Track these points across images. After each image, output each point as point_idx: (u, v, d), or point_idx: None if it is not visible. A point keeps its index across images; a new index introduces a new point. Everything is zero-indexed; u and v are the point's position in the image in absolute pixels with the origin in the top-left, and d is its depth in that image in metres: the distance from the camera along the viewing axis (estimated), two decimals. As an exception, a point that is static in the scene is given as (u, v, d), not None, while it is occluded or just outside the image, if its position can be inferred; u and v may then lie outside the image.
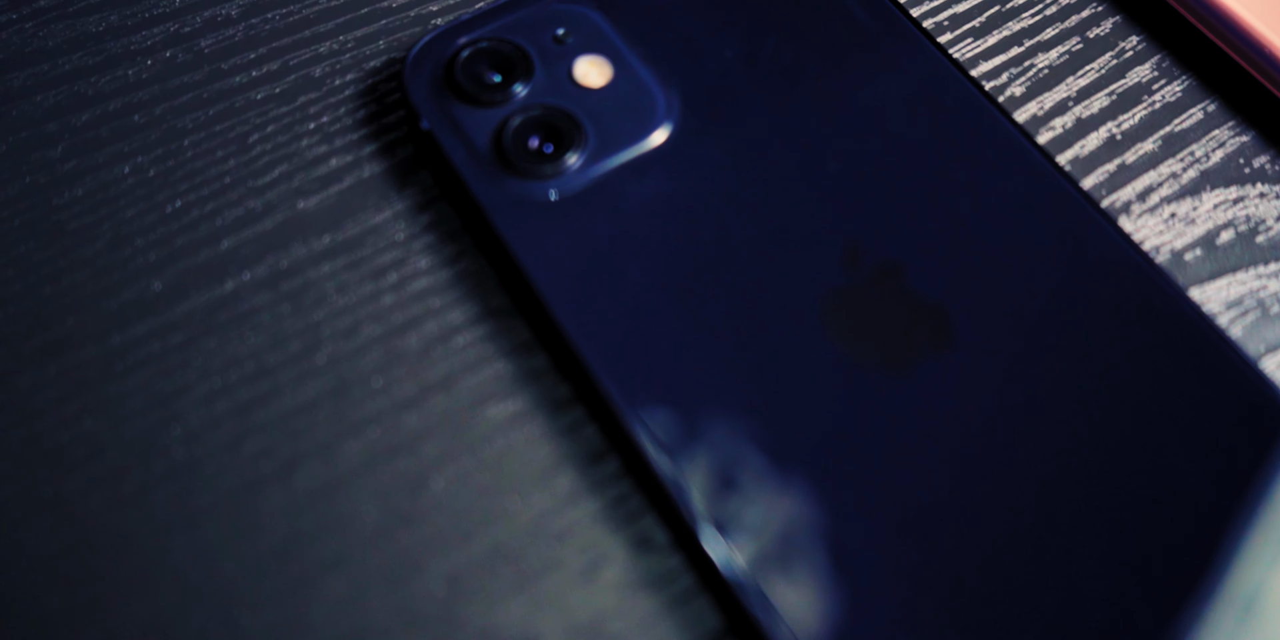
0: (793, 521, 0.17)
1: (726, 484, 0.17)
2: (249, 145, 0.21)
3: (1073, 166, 0.21)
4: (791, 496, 0.17)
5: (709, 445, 0.17)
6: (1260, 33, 0.21)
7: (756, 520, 0.17)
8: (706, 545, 0.16)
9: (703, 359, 0.18)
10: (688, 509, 0.17)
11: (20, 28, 0.22)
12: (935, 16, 0.23)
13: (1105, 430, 0.18)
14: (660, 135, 0.20)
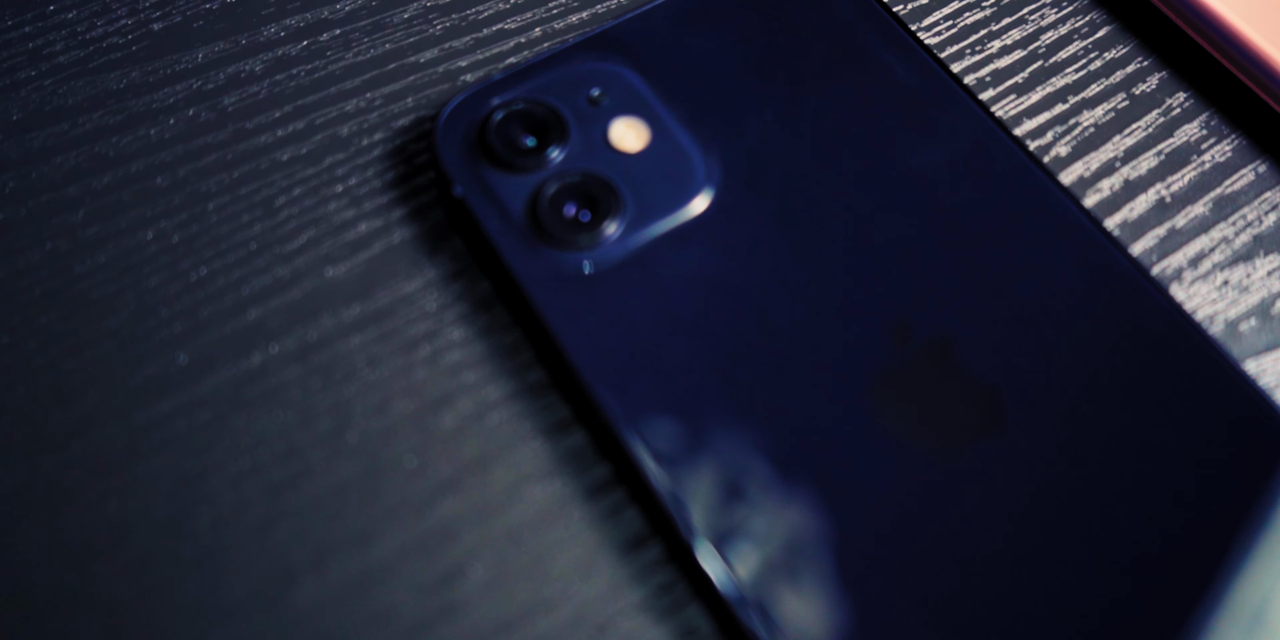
0: (841, 607, 0.16)
1: (773, 569, 0.16)
2: (275, 209, 0.20)
3: (1122, 231, 0.20)
4: (839, 584, 0.16)
5: (754, 529, 0.17)
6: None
7: (804, 607, 0.16)
8: (754, 636, 0.16)
9: (747, 439, 0.17)
10: (733, 598, 0.16)
11: (39, 85, 0.21)
12: (977, 72, 0.22)
13: (1162, 509, 0.17)
14: (700, 202, 0.19)
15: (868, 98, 0.20)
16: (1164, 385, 0.18)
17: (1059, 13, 0.22)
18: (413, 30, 0.22)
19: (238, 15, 0.22)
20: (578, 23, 0.22)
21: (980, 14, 0.22)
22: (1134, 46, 0.22)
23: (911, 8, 0.23)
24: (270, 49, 0.22)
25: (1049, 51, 0.22)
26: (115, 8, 0.22)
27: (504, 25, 0.22)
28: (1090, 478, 0.17)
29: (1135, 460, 0.17)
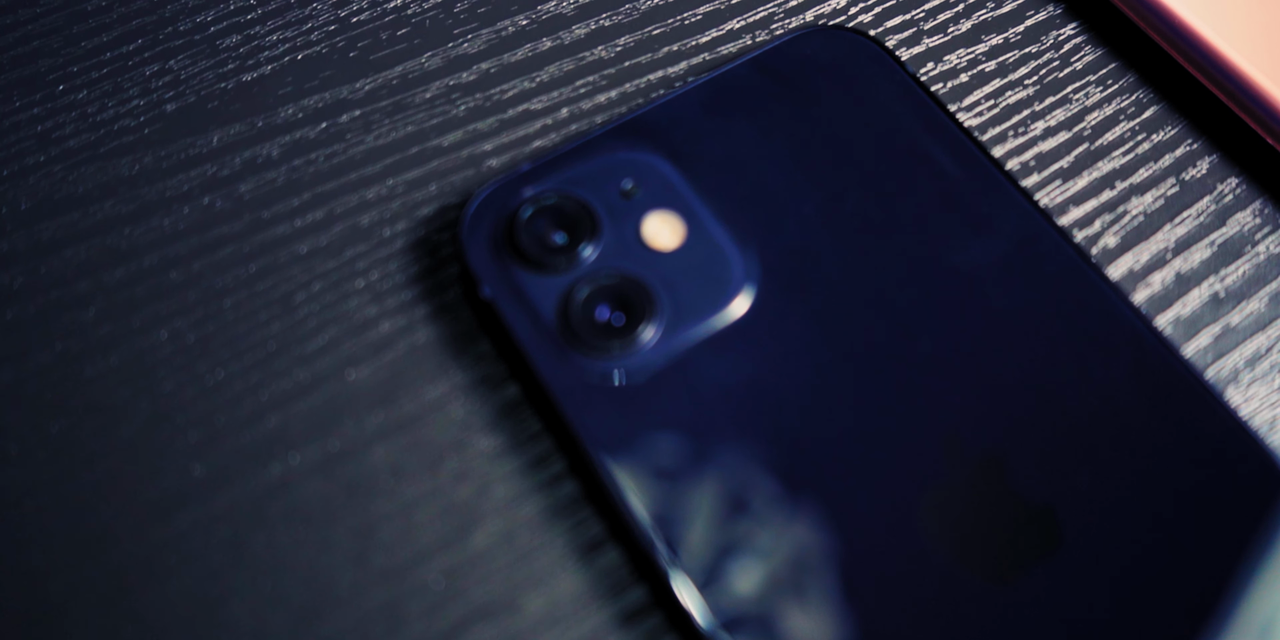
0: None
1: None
2: (294, 306, 0.19)
3: (1175, 328, 0.19)
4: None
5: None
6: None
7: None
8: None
9: (790, 560, 0.16)
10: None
11: (49, 171, 0.20)
12: (1021, 156, 0.21)
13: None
14: (739, 305, 0.18)
15: (909, 189, 0.19)
16: (1218, 498, 0.17)
17: (1104, 91, 0.21)
18: (435, 111, 0.21)
19: (253, 95, 0.21)
20: (605, 103, 0.21)
21: (1023, 93, 0.21)
22: (1183, 128, 0.21)
23: (952, 86, 0.21)
24: (288, 131, 0.21)
25: (1095, 133, 0.21)
26: (127, 87, 0.21)
27: (529, 105, 0.21)
28: (1151, 599, 0.16)
29: (1196, 578, 0.16)
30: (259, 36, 0.22)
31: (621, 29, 0.22)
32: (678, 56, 0.22)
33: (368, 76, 0.21)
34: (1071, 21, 0.22)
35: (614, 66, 0.22)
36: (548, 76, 0.21)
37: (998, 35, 0.22)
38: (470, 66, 0.21)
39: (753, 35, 0.22)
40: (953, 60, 0.22)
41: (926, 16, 0.22)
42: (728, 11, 0.22)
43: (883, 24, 0.22)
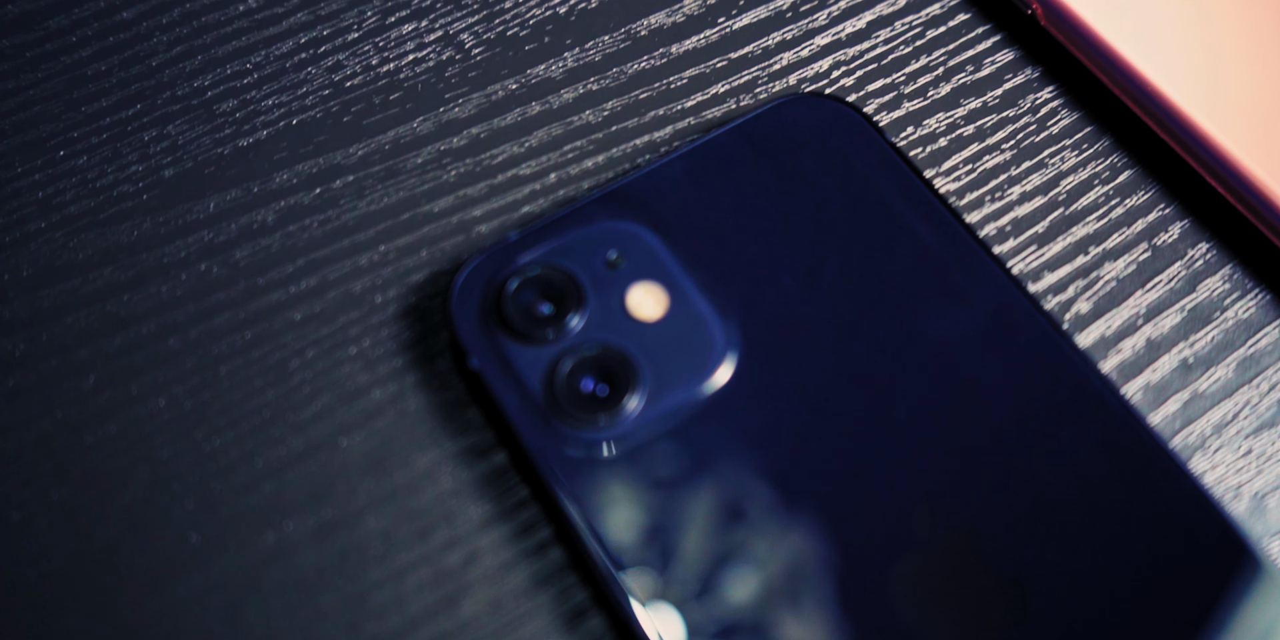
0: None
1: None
2: (288, 373, 0.19)
3: (1144, 394, 0.20)
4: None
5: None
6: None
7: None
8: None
9: (771, 628, 0.17)
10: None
11: (50, 238, 0.21)
12: (997, 221, 0.21)
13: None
14: (720, 374, 0.19)
15: (886, 258, 0.20)
16: (1182, 568, 0.17)
17: (1079, 156, 0.22)
18: (426, 176, 0.21)
19: (250, 160, 0.21)
20: (593, 168, 0.22)
21: (1000, 158, 0.22)
22: (1156, 192, 0.21)
23: (931, 151, 0.22)
24: (282, 197, 0.21)
25: (1070, 198, 0.21)
26: (126, 152, 0.21)
27: (518, 170, 0.22)
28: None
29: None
30: (255, 101, 0.22)
31: (609, 93, 0.22)
32: (663, 121, 0.22)
33: (361, 141, 0.22)
34: (1049, 84, 0.23)
35: (601, 131, 0.22)
36: (536, 141, 0.22)
37: (976, 99, 0.22)
38: (461, 131, 0.22)
39: (737, 99, 0.22)
40: (932, 124, 0.22)
41: (907, 80, 0.23)
42: (712, 75, 0.23)
43: (864, 87, 0.23)
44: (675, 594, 0.17)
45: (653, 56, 0.23)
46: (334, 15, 0.23)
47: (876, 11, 0.23)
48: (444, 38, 0.23)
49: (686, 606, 0.17)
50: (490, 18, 0.23)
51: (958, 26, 0.23)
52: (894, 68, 0.23)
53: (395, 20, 0.23)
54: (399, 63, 0.23)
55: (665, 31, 0.23)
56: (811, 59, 0.23)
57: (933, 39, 0.23)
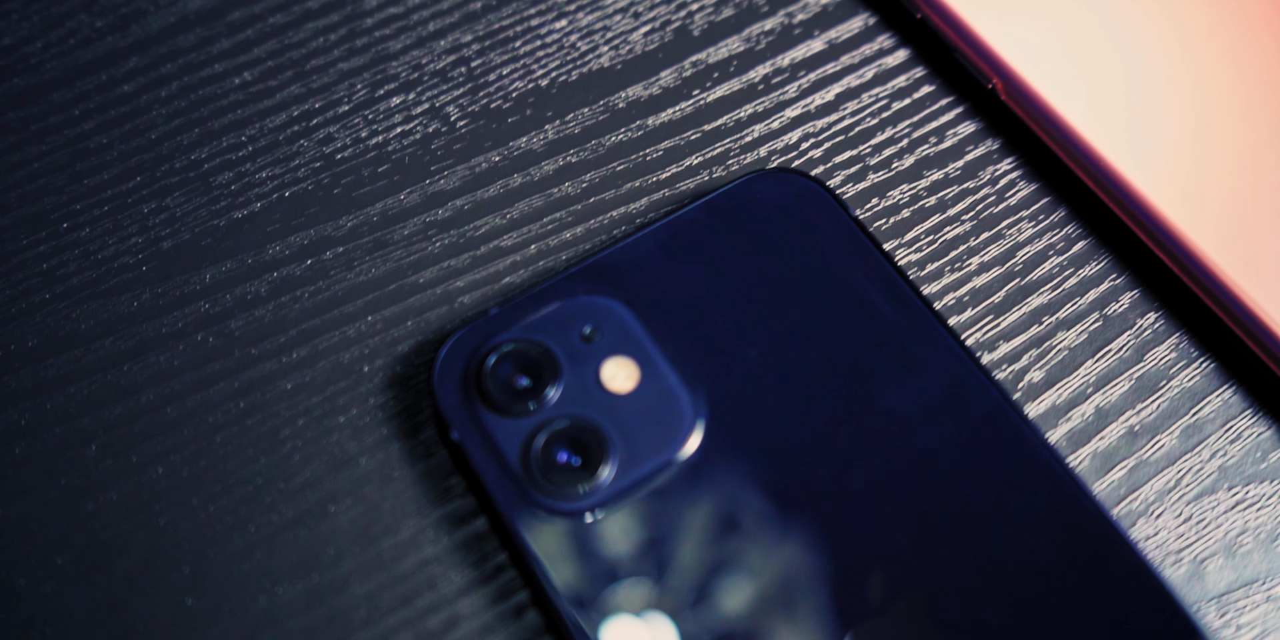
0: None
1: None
2: (280, 441, 0.20)
3: (1092, 461, 0.21)
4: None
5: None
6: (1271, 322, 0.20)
7: None
8: None
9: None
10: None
11: (53, 309, 0.22)
12: (957, 291, 0.22)
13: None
14: (688, 443, 0.19)
15: (848, 330, 0.21)
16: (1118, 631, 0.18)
17: (1035, 227, 0.23)
18: (412, 248, 0.22)
19: (244, 232, 0.22)
20: (571, 239, 0.22)
21: (960, 228, 0.23)
22: (1108, 262, 0.22)
23: (894, 222, 0.23)
24: (275, 268, 0.22)
25: (1026, 269, 0.22)
26: (126, 225, 0.22)
27: (500, 242, 0.22)
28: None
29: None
30: (249, 174, 0.23)
31: (587, 165, 0.23)
32: (639, 193, 0.23)
33: (350, 213, 0.23)
34: (1008, 156, 0.24)
35: (580, 202, 0.23)
36: (518, 213, 0.23)
37: (939, 170, 0.23)
38: (446, 203, 0.23)
39: (710, 171, 0.23)
40: (895, 196, 0.23)
41: (873, 152, 0.24)
42: (687, 147, 0.24)
43: (831, 159, 0.23)
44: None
45: (630, 128, 0.24)
46: (326, 88, 0.24)
47: (845, 84, 0.24)
48: (430, 110, 0.24)
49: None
50: (475, 90, 0.24)
51: (922, 98, 0.24)
52: (860, 140, 0.24)
53: (384, 93, 0.24)
54: (387, 135, 0.24)
55: (642, 104, 0.24)
56: (782, 131, 0.24)
57: (898, 111, 0.24)
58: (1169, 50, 0.23)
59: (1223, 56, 0.23)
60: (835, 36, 0.25)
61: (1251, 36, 0.23)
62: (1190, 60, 0.23)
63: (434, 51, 0.25)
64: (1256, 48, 0.23)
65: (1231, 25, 0.24)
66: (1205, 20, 0.24)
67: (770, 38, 0.25)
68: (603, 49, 0.25)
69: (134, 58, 0.24)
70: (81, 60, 0.24)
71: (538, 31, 0.25)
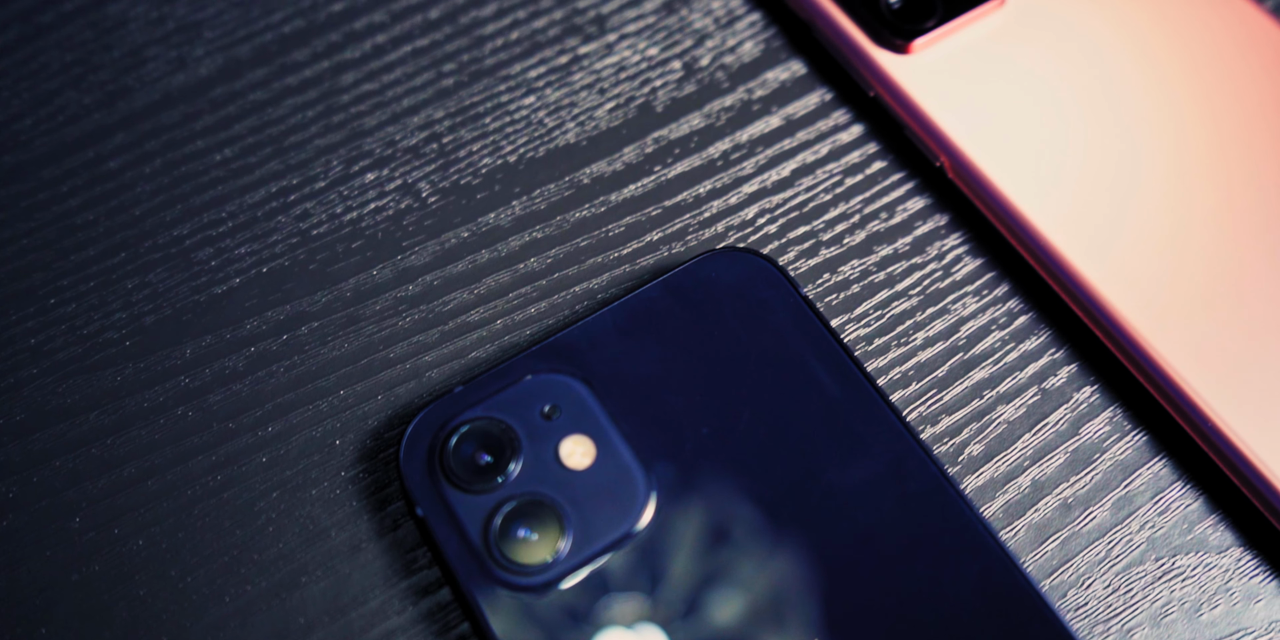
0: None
1: None
2: (255, 513, 0.21)
3: (1026, 533, 0.21)
4: None
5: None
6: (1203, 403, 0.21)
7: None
8: None
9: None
10: None
11: (41, 383, 0.22)
12: (903, 365, 0.23)
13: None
14: (642, 519, 0.20)
15: (795, 408, 0.21)
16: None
17: (979, 301, 0.24)
18: (384, 323, 0.23)
19: (223, 307, 0.23)
20: (536, 314, 0.23)
21: (907, 303, 0.24)
22: (1048, 337, 0.23)
23: (844, 297, 0.24)
24: (252, 343, 0.23)
25: (969, 343, 0.23)
26: (111, 300, 0.23)
27: (468, 317, 0.23)
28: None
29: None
30: (228, 249, 0.24)
31: (552, 240, 0.24)
32: (601, 268, 0.24)
33: (325, 289, 0.24)
34: (955, 231, 0.24)
35: (545, 278, 0.24)
36: (485, 288, 0.24)
37: (888, 246, 0.24)
38: (416, 278, 0.24)
39: (670, 247, 0.24)
40: (846, 271, 0.24)
41: (825, 227, 0.24)
42: (648, 223, 0.24)
43: (786, 235, 0.24)
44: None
45: (593, 204, 0.25)
46: (303, 164, 0.25)
47: (800, 159, 0.25)
48: (403, 186, 0.25)
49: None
50: (446, 167, 0.25)
51: (874, 174, 0.25)
52: (814, 215, 0.25)
53: (359, 169, 0.25)
54: (361, 211, 0.24)
55: (606, 180, 0.25)
56: (739, 207, 0.25)
57: (851, 186, 0.25)
58: (1108, 132, 0.24)
59: (1158, 138, 0.24)
60: (792, 112, 0.26)
61: (1186, 120, 0.24)
62: (1128, 142, 0.24)
63: (407, 128, 0.25)
64: (1191, 131, 0.24)
65: (1168, 109, 0.24)
66: (1144, 104, 0.25)
67: (730, 114, 0.26)
68: (569, 125, 0.26)
69: (120, 134, 0.25)
70: (69, 137, 0.25)
71: (507, 108, 0.26)
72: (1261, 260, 0.23)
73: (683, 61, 0.26)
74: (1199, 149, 0.24)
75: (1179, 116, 0.24)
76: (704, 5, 0.27)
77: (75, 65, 0.26)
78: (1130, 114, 0.24)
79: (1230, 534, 0.21)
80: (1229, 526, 0.21)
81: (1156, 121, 0.24)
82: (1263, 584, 0.21)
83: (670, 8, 0.27)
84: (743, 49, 0.27)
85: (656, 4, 0.27)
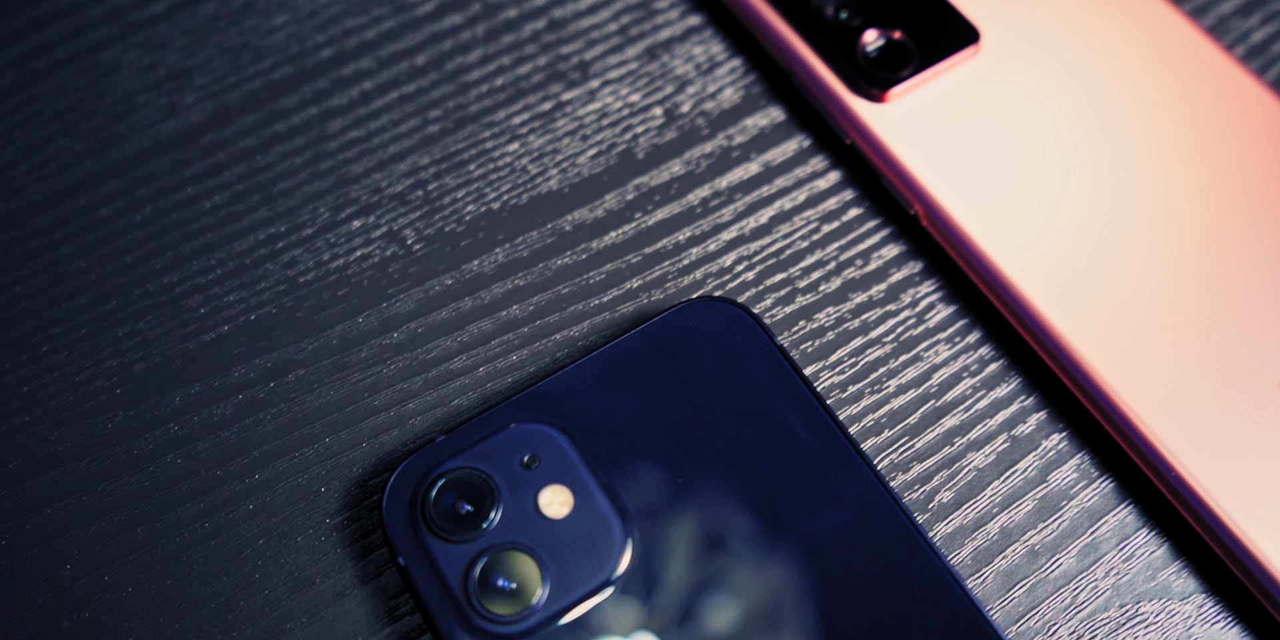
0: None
1: None
2: (241, 560, 0.22)
3: (995, 580, 0.22)
4: None
5: None
6: (1167, 452, 0.22)
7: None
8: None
9: None
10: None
11: (33, 431, 0.23)
12: (876, 412, 0.24)
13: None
14: (619, 565, 0.21)
15: (770, 457, 0.22)
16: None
17: (951, 349, 0.24)
18: (369, 371, 0.24)
19: (211, 355, 0.24)
20: (518, 361, 0.24)
21: (881, 351, 0.24)
22: (1018, 384, 0.24)
23: (819, 344, 0.24)
24: (240, 391, 0.23)
25: (940, 390, 0.24)
26: (102, 348, 0.24)
27: (451, 364, 0.24)
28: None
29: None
30: (218, 297, 0.24)
31: (534, 288, 0.25)
32: (582, 316, 0.24)
33: (311, 336, 0.24)
34: (929, 278, 0.25)
35: (526, 325, 0.24)
36: (468, 336, 0.24)
37: (863, 293, 0.25)
38: (400, 326, 0.24)
39: (649, 294, 0.25)
40: (821, 318, 0.24)
41: (802, 274, 0.25)
42: (628, 270, 0.25)
43: (763, 282, 0.25)
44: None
45: (575, 251, 0.25)
46: (291, 212, 0.25)
47: (778, 206, 0.26)
48: (389, 234, 0.25)
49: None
50: (431, 213, 0.26)
51: (850, 221, 0.26)
52: (791, 262, 0.25)
53: (345, 216, 0.25)
54: (348, 258, 0.25)
55: (587, 227, 0.25)
56: (717, 254, 0.25)
57: (827, 233, 0.25)
58: (1081, 180, 0.25)
59: (1132, 188, 0.25)
60: (771, 159, 0.26)
61: (1161, 170, 0.25)
62: (1101, 191, 0.25)
63: (393, 174, 0.26)
64: (1165, 181, 0.25)
65: (1142, 158, 0.25)
66: (1117, 153, 0.25)
67: (710, 160, 0.26)
68: (552, 172, 0.26)
69: (112, 181, 0.26)
70: (62, 184, 0.26)
71: (491, 154, 0.26)
72: (1230, 312, 0.23)
73: (664, 108, 0.27)
74: (1172, 199, 0.25)
75: (1153, 166, 0.25)
76: (685, 51, 0.28)
77: (68, 112, 0.27)
78: (1104, 163, 0.25)
79: (1193, 581, 0.22)
80: (1192, 573, 0.22)
81: (1130, 171, 0.25)
82: (1224, 630, 0.21)
83: (652, 53, 0.28)
84: (723, 95, 0.27)
85: (639, 50, 0.28)
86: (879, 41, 0.26)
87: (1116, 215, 0.24)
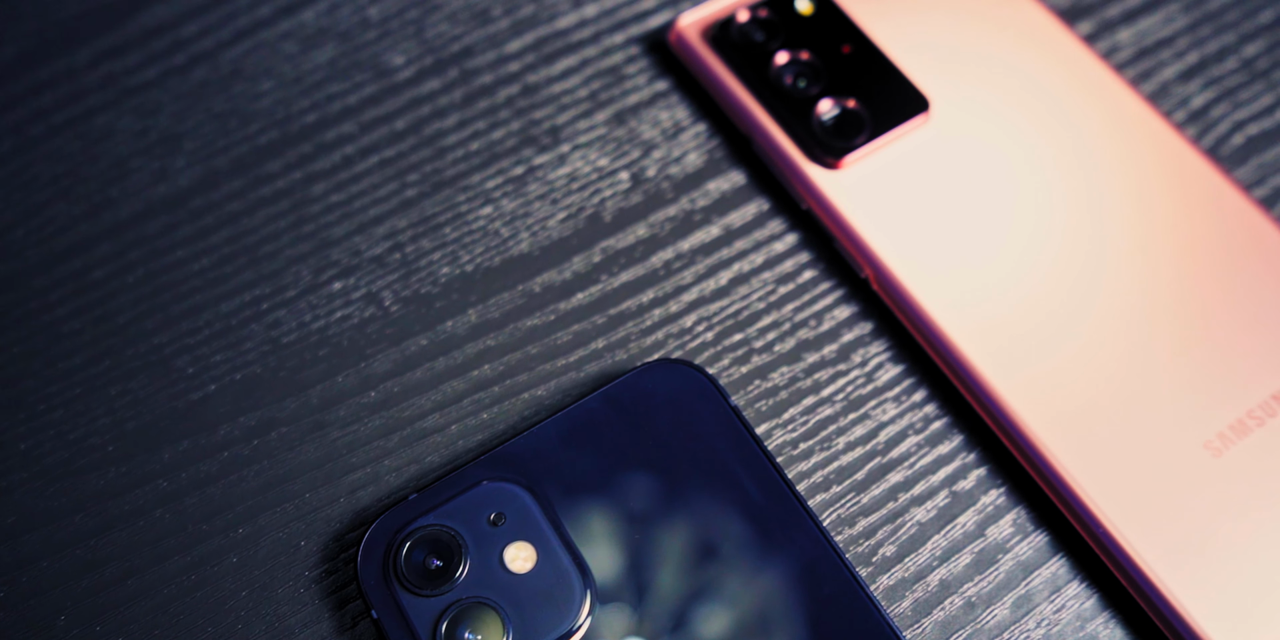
0: None
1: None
2: (225, 612, 0.23)
3: (933, 630, 0.23)
4: None
5: None
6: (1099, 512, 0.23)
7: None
8: None
9: None
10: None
11: (30, 487, 0.24)
12: (824, 468, 0.25)
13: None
14: (578, 618, 0.22)
15: (722, 513, 0.23)
16: None
17: (898, 408, 0.26)
18: (347, 429, 0.25)
19: (198, 413, 0.25)
20: (488, 419, 0.25)
21: (831, 409, 0.26)
22: (960, 442, 0.25)
23: (773, 403, 0.26)
24: (226, 448, 0.25)
25: (886, 447, 0.25)
26: (95, 407, 0.25)
27: (425, 423, 0.25)
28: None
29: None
30: (205, 357, 0.26)
31: (505, 348, 0.26)
32: (549, 375, 0.26)
33: (293, 395, 0.25)
34: (879, 338, 0.26)
35: (497, 384, 0.26)
36: (441, 395, 0.26)
37: (815, 353, 0.26)
38: (378, 385, 0.26)
39: (613, 354, 0.26)
40: (775, 378, 0.26)
41: (758, 334, 0.26)
42: (594, 331, 0.26)
43: (721, 342, 0.26)
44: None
45: (544, 312, 0.27)
46: (275, 274, 0.27)
47: (736, 269, 0.27)
48: (367, 295, 0.27)
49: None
50: (408, 275, 0.27)
51: (805, 283, 0.27)
52: (748, 323, 0.26)
53: (326, 278, 0.27)
54: (328, 319, 0.26)
55: (555, 288, 0.27)
56: (679, 315, 0.27)
57: (783, 295, 0.27)
58: (1026, 246, 0.26)
59: (1076, 254, 0.26)
60: (731, 222, 0.28)
61: (1105, 237, 0.26)
62: (1045, 257, 0.26)
63: (372, 237, 0.27)
64: (1110, 248, 0.26)
65: (1088, 225, 0.26)
66: (1064, 220, 0.26)
67: (673, 223, 0.28)
68: (523, 235, 0.27)
69: (105, 244, 0.27)
70: (58, 247, 0.27)
71: (465, 218, 0.28)
72: (1160, 377, 0.25)
73: (630, 172, 0.28)
74: (1111, 265, 0.26)
75: (1093, 234, 0.26)
76: (653, 116, 0.29)
77: (64, 177, 0.28)
78: (1046, 230, 0.26)
79: (1119, 630, 0.23)
80: (1119, 623, 0.23)
81: (1075, 238, 0.26)
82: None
83: (620, 119, 0.29)
84: (687, 160, 0.28)
85: (608, 115, 0.29)
86: (834, 111, 0.28)
87: (1057, 281, 0.26)
